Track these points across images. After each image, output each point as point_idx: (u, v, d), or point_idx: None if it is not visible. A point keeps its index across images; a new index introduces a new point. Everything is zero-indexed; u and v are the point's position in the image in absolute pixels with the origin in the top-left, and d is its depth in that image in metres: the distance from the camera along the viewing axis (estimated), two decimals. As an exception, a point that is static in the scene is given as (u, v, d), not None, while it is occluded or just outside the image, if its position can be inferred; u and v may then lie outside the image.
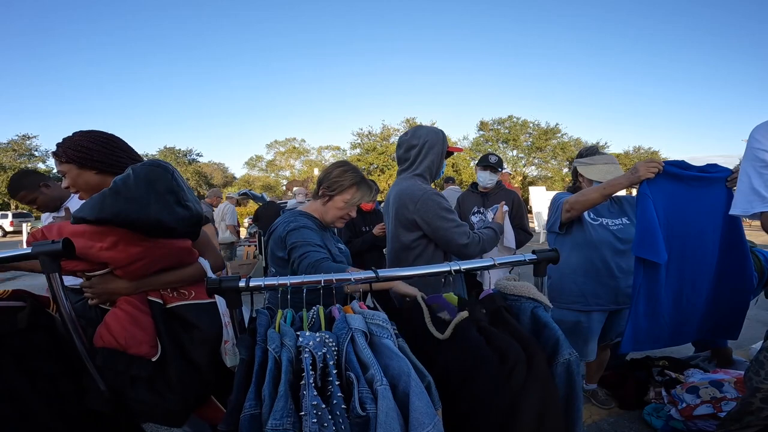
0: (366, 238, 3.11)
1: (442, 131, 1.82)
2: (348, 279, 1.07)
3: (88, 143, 1.27)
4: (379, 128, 31.52)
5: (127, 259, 1.08)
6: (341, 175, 1.55)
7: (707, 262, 1.76)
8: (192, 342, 1.15)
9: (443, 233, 1.64)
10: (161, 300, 1.17)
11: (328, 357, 0.85)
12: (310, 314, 1.01)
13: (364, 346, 0.88)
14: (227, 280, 0.96)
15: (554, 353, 1.01)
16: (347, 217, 1.60)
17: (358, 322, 0.93)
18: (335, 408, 0.77)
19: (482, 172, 2.87)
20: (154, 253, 1.13)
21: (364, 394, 0.79)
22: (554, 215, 2.03)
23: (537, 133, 30.85)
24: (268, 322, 0.97)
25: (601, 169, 2.03)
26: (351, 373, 0.82)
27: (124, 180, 1.09)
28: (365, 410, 0.77)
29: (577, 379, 1.01)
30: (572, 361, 1.00)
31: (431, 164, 1.76)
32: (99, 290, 1.13)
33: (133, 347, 1.07)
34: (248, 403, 0.80)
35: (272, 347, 0.87)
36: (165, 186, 1.11)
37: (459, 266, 1.13)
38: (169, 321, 1.16)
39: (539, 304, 1.14)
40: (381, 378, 0.81)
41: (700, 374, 2.33)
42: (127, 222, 1.04)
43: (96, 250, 1.05)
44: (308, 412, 0.74)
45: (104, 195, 1.05)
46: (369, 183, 1.60)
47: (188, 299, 1.20)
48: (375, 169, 29.12)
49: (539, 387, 0.90)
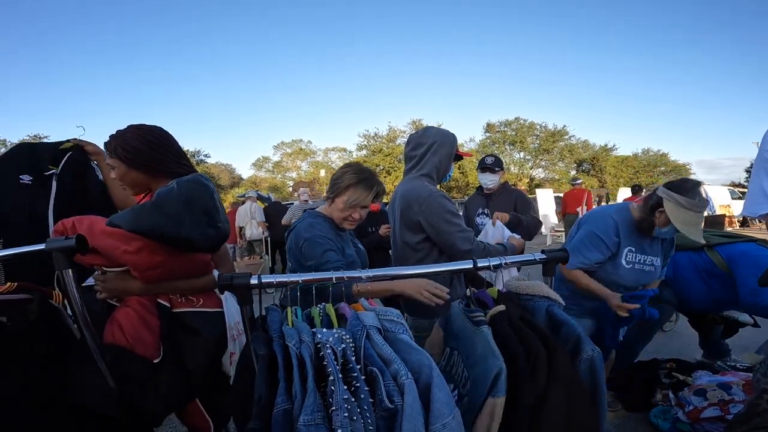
0: (372, 239, 3.13)
1: (453, 134, 1.81)
2: (359, 276, 1.09)
3: (139, 144, 1.26)
4: (386, 130, 31.51)
5: (147, 265, 1.11)
6: (340, 177, 1.57)
7: None
8: (192, 348, 1.17)
9: (446, 237, 1.62)
10: (169, 304, 1.20)
11: (348, 353, 0.87)
12: (318, 311, 1.03)
13: (383, 342, 0.90)
14: (238, 277, 0.99)
15: (577, 350, 1.02)
16: (352, 219, 1.57)
17: (372, 319, 0.94)
18: (362, 402, 0.80)
19: (482, 174, 2.91)
20: (174, 263, 1.16)
21: (391, 388, 0.82)
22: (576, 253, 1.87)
23: (544, 135, 30.61)
24: (280, 319, 0.99)
25: (692, 219, 1.73)
26: (374, 368, 0.84)
27: (166, 194, 1.13)
28: (393, 403, 0.80)
29: (601, 375, 1.01)
30: (595, 358, 1.00)
31: (438, 165, 1.74)
32: (112, 286, 1.15)
33: (140, 348, 1.10)
34: (279, 399, 0.82)
35: (292, 343, 0.88)
36: (202, 206, 1.15)
37: (476, 264, 1.14)
38: (174, 325, 1.18)
39: (553, 302, 1.14)
40: (406, 372, 0.84)
41: (708, 376, 2.32)
42: (159, 236, 1.08)
43: (120, 252, 1.07)
44: (339, 407, 0.77)
45: (144, 208, 1.09)
46: (369, 182, 1.55)
47: (196, 306, 1.23)
48: (381, 170, 29.10)
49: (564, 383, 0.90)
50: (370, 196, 1.54)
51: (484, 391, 0.89)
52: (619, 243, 1.84)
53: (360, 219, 1.59)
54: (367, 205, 1.57)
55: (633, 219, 1.88)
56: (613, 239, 1.83)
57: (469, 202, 3.09)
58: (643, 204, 1.87)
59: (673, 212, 1.72)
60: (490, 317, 1.02)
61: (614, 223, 1.84)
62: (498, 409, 0.86)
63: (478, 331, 0.99)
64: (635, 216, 1.88)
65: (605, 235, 1.83)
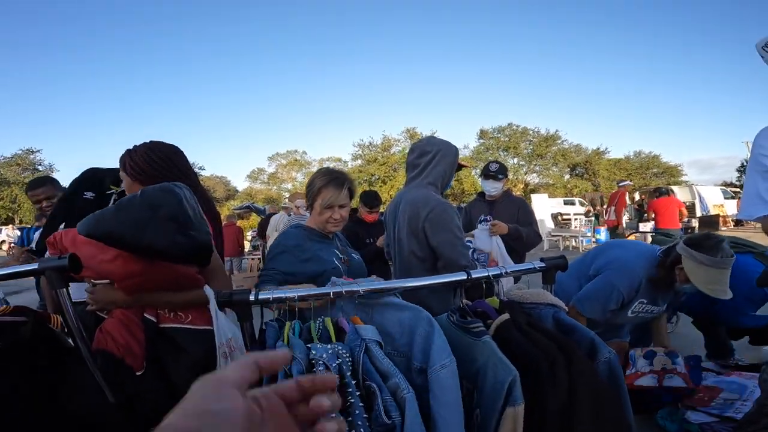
0: (370, 250, 3.11)
1: (455, 146, 1.83)
2: (357, 291, 1.07)
3: (144, 164, 1.34)
4: (380, 139, 31.72)
5: (123, 274, 1.11)
6: (311, 182, 1.60)
7: None
8: (176, 365, 1.18)
9: (447, 248, 1.61)
10: (155, 318, 1.20)
11: (344, 368, 0.85)
12: (317, 325, 1.01)
13: (382, 356, 0.89)
14: (237, 293, 0.97)
15: (593, 353, 1.01)
16: (333, 220, 1.57)
17: (371, 333, 0.93)
18: (356, 418, 0.78)
19: (485, 182, 2.89)
20: (152, 274, 1.15)
21: (389, 403, 0.81)
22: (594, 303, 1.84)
23: (537, 140, 30.91)
24: (276, 335, 0.98)
25: (714, 277, 1.65)
26: (372, 383, 0.83)
27: (129, 200, 1.12)
28: (390, 418, 0.79)
29: (621, 375, 1.01)
30: (613, 359, 1.00)
31: (443, 173, 1.75)
32: (98, 297, 1.17)
33: (129, 358, 1.11)
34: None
35: None
36: (169, 212, 1.10)
37: (470, 275, 1.14)
38: (159, 340, 1.19)
39: (559, 308, 1.14)
40: (406, 386, 0.83)
41: (713, 377, 2.31)
42: (118, 242, 1.06)
43: (98, 261, 1.09)
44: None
45: (105, 213, 1.09)
46: (339, 181, 1.56)
47: (183, 322, 1.22)
48: (377, 180, 29.21)
49: (588, 384, 0.90)
50: (342, 192, 1.55)
51: (500, 401, 0.88)
52: (635, 297, 1.81)
53: (342, 219, 1.58)
54: (344, 204, 1.57)
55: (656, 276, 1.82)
56: (632, 295, 1.79)
57: (470, 208, 3.08)
58: (662, 259, 1.79)
59: (693, 271, 1.64)
60: (496, 327, 1.01)
61: (639, 282, 1.79)
62: (519, 418, 0.85)
63: (480, 342, 0.97)
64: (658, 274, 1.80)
65: (627, 292, 1.79)
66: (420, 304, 1.11)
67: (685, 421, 2.03)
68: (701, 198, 13.69)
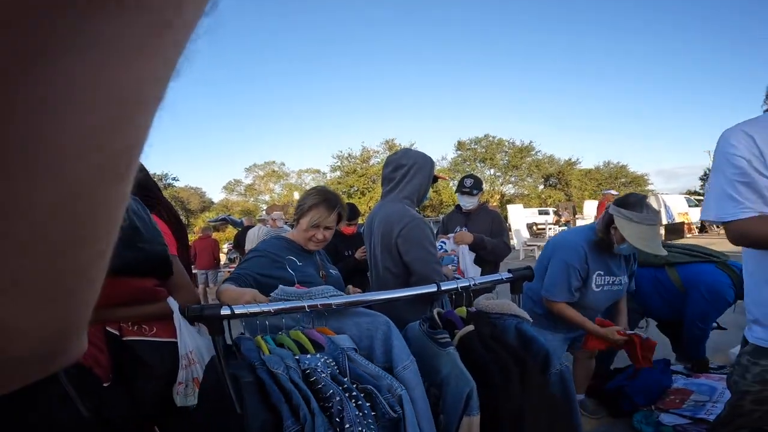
0: (348, 262, 3.10)
1: (431, 158, 1.83)
2: (329, 305, 1.07)
3: None
4: (359, 150, 31.86)
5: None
6: (304, 199, 1.61)
7: None
8: (139, 376, 1.16)
9: (420, 264, 1.60)
10: (118, 332, 1.17)
11: (339, 376, 0.92)
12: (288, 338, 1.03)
13: (366, 362, 0.96)
14: (209, 308, 0.94)
15: (546, 364, 1.07)
16: (316, 239, 1.59)
17: (347, 341, 0.98)
18: (367, 416, 0.85)
19: (461, 197, 3.00)
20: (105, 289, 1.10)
21: (390, 400, 0.89)
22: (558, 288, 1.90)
23: (512, 151, 31.74)
24: (256, 349, 0.99)
25: (644, 232, 1.76)
26: (367, 386, 0.90)
27: None
28: (396, 412, 0.88)
29: (571, 386, 1.08)
30: (564, 370, 1.07)
31: (419, 187, 1.75)
32: None
33: (96, 368, 1.10)
34: (288, 422, 0.84)
35: (280, 370, 0.90)
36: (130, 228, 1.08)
37: (439, 287, 1.16)
38: (123, 353, 1.17)
39: (522, 319, 1.18)
40: (399, 385, 0.92)
41: (683, 380, 2.38)
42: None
43: None
44: (353, 423, 0.82)
45: None
46: (331, 203, 1.58)
47: (146, 335, 1.20)
48: (356, 191, 29.24)
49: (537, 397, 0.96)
50: (332, 216, 1.57)
51: (459, 410, 0.93)
52: (588, 269, 1.89)
53: (324, 240, 1.60)
54: (330, 226, 1.59)
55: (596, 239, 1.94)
56: (584, 266, 1.88)
57: (447, 220, 3.17)
58: (600, 223, 1.92)
59: (625, 228, 1.76)
60: (461, 337, 1.05)
61: (584, 251, 1.89)
62: (474, 427, 0.91)
63: (444, 352, 1.01)
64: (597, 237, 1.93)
65: (578, 263, 1.88)
66: (396, 319, 1.12)
67: (659, 423, 2.08)
68: (666, 206, 14.29)
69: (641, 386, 2.33)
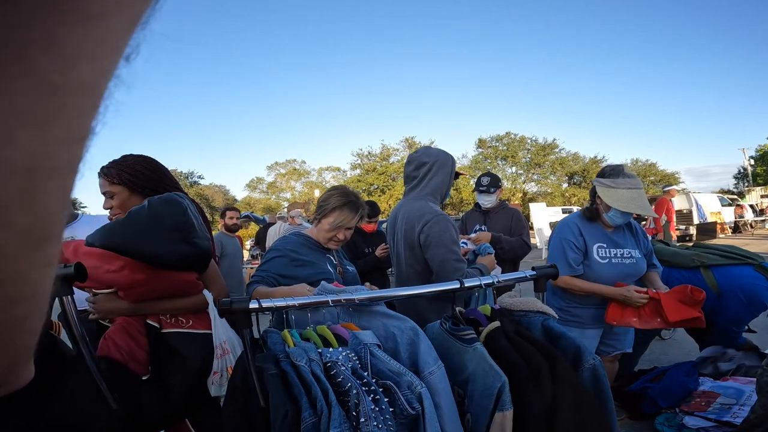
0: (368, 260, 3.13)
1: (452, 155, 1.84)
2: (353, 299, 1.10)
3: (143, 169, 1.35)
4: (379, 148, 31.88)
5: (129, 283, 1.15)
6: (326, 199, 1.61)
7: None
8: (176, 369, 1.21)
9: (441, 261, 1.61)
10: (158, 324, 1.23)
11: (359, 370, 0.92)
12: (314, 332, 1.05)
13: (387, 358, 0.96)
14: (237, 301, 0.99)
15: (578, 360, 1.04)
16: (337, 239, 1.60)
17: (370, 337, 0.98)
18: (384, 412, 0.85)
19: (479, 196, 2.99)
20: (156, 282, 1.19)
21: (409, 396, 0.88)
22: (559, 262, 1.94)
23: (535, 148, 31.10)
24: (282, 342, 1.02)
25: (623, 195, 1.85)
26: (387, 381, 0.90)
27: (137, 211, 1.16)
28: (415, 409, 0.86)
29: (605, 383, 1.03)
30: (597, 366, 1.02)
31: (441, 184, 1.75)
32: (100, 307, 1.20)
33: (132, 364, 1.15)
34: (306, 413, 0.86)
35: (303, 362, 0.92)
36: (173, 222, 1.16)
37: (462, 284, 1.17)
38: (161, 345, 1.22)
39: (548, 316, 1.17)
40: (419, 382, 0.90)
41: (710, 382, 2.32)
42: (130, 252, 1.11)
43: (103, 271, 1.12)
44: (368, 417, 0.82)
45: (115, 224, 1.14)
46: (355, 205, 1.59)
47: (184, 327, 1.26)
48: (375, 189, 29.29)
49: (569, 390, 0.92)
50: (355, 218, 1.59)
51: (489, 406, 0.91)
52: (585, 241, 1.94)
53: (344, 240, 1.62)
54: (352, 227, 1.60)
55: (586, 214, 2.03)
56: (579, 239, 1.95)
57: (466, 218, 3.16)
58: (590, 198, 2.05)
59: (606, 195, 1.88)
60: (486, 334, 1.04)
61: (576, 226, 1.98)
62: (507, 422, 0.89)
63: (470, 348, 1.00)
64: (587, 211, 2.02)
65: (572, 236, 1.95)
66: (418, 316, 1.14)
67: (682, 426, 2.04)
68: (698, 205, 13.73)
69: (665, 388, 2.28)
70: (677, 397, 2.23)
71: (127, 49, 0.16)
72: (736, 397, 2.14)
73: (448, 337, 1.07)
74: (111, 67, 0.16)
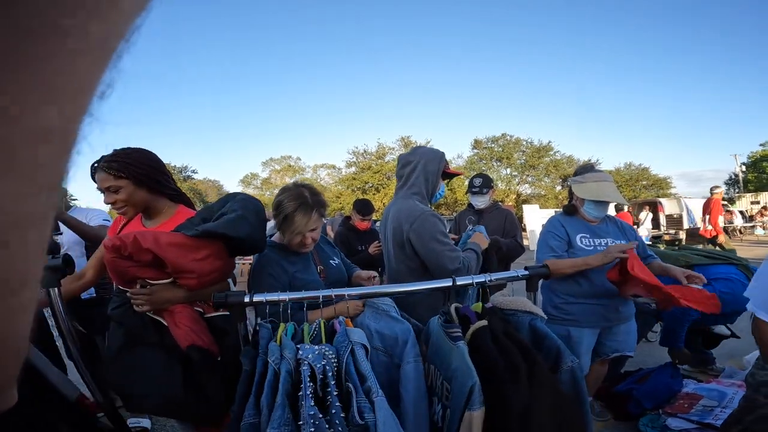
0: (361, 257, 3.15)
1: (441, 152, 1.85)
2: (343, 295, 1.13)
3: (148, 162, 1.38)
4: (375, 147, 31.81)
5: (209, 270, 1.21)
6: (278, 207, 1.52)
7: None
8: (228, 347, 1.27)
9: (435, 256, 1.62)
10: (202, 310, 1.30)
11: (327, 369, 0.90)
12: (312, 327, 1.06)
13: (363, 359, 0.95)
14: (232, 296, 1.01)
15: (557, 361, 1.07)
16: (305, 244, 1.54)
17: (358, 336, 0.99)
18: (334, 417, 0.82)
19: (472, 197, 3.01)
20: (225, 268, 1.30)
21: (362, 404, 0.85)
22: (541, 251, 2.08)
23: (530, 150, 31.24)
24: (269, 335, 1.03)
25: (591, 187, 2.05)
26: (349, 384, 0.89)
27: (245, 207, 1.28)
28: (363, 419, 0.83)
29: (582, 384, 1.06)
30: (575, 368, 1.05)
31: (426, 183, 1.77)
32: (157, 298, 1.20)
33: (212, 346, 1.21)
34: (247, 412, 0.85)
35: (272, 359, 0.92)
36: (263, 216, 1.35)
37: (455, 282, 1.19)
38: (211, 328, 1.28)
39: (536, 316, 1.20)
40: (377, 389, 0.88)
41: (693, 384, 2.37)
42: (251, 242, 1.24)
43: (188, 260, 1.15)
44: (306, 422, 0.79)
45: (235, 219, 1.21)
46: (306, 207, 1.50)
47: (222, 310, 1.31)
48: (371, 187, 29.25)
49: (546, 393, 0.94)
50: (311, 220, 1.50)
51: (462, 404, 0.92)
52: (567, 232, 2.08)
53: (314, 241, 1.56)
54: (315, 227, 1.52)
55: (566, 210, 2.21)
56: (561, 230, 2.09)
57: (459, 218, 3.19)
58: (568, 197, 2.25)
59: (578, 190, 2.08)
60: (473, 332, 1.06)
61: (557, 221, 2.15)
62: (476, 422, 0.89)
63: (455, 346, 1.02)
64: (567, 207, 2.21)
65: (554, 228, 2.11)
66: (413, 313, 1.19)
67: (666, 427, 2.09)
68: (689, 210, 13.90)
69: (650, 390, 2.32)
70: (661, 398, 2.27)
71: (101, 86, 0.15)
72: (718, 399, 2.19)
73: (441, 332, 1.10)
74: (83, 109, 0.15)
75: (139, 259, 1.10)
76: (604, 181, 2.07)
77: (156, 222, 1.43)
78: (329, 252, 1.77)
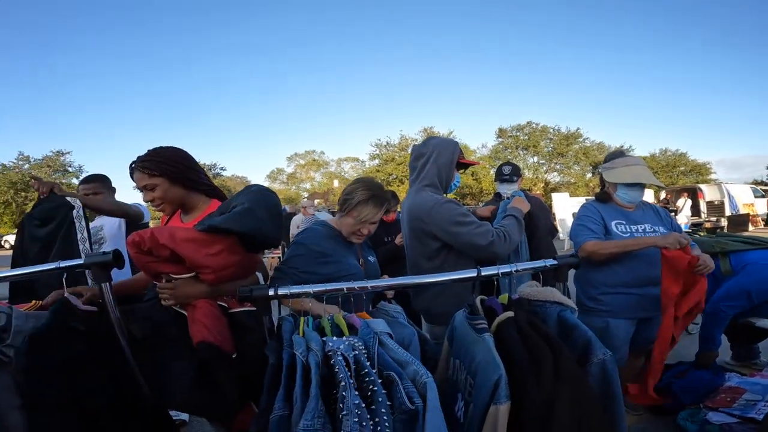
0: (388, 248, 3.15)
1: (454, 141, 1.82)
2: (365, 287, 1.13)
3: (181, 160, 1.41)
4: (397, 138, 31.71)
5: (224, 265, 1.20)
6: (351, 193, 1.57)
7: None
8: (250, 344, 1.24)
9: (463, 238, 1.61)
10: (227, 305, 1.28)
11: (362, 359, 0.90)
12: (328, 321, 1.07)
13: (396, 347, 0.95)
14: (258, 289, 1.03)
15: (587, 353, 1.01)
16: (360, 234, 1.57)
17: (381, 326, 0.99)
18: (380, 406, 0.80)
19: (500, 185, 2.95)
20: (243, 263, 1.27)
21: (410, 389, 0.84)
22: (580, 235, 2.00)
23: (557, 138, 30.29)
24: (292, 328, 1.04)
25: (622, 171, 1.99)
26: (390, 372, 0.87)
27: (255, 200, 1.25)
28: (414, 404, 0.81)
29: (615, 379, 0.99)
30: (607, 361, 0.99)
31: (438, 174, 1.74)
32: (179, 292, 1.22)
33: (225, 344, 1.19)
34: (277, 405, 0.85)
35: (299, 351, 0.91)
36: (277, 210, 1.32)
37: (478, 273, 1.17)
38: (232, 324, 1.27)
39: (565, 307, 1.15)
40: (425, 371, 0.87)
41: (737, 378, 2.26)
42: (259, 236, 1.20)
43: (203, 255, 1.15)
44: (350, 412, 0.77)
45: (242, 213, 1.20)
46: (380, 199, 1.55)
47: (246, 306, 1.30)
48: (394, 179, 29.24)
49: (570, 388, 0.89)
50: (380, 213, 1.55)
51: (487, 398, 0.89)
52: (603, 218, 2.02)
53: (368, 234, 1.60)
54: (377, 222, 1.57)
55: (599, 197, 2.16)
56: (597, 214, 2.04)
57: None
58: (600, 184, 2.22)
59: (609, 176, 2.04)
60: (498, 324, 1.02)
61: (592, 206, 2.09)
62: (501, 416, 0.85)
63: (480, 338, 0.99)
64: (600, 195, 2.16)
65: (590, 213, 2.05)
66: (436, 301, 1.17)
67: (706, 422, 2.00)
68: (730, 196, 13.17)
69: (689, 384, 2.23)
70: (700, 393, 2.18)
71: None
72: (762, 393, 2.08)
73: (466, 325, 1.08)
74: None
75: (158, 254, 1.12)
76: (634, 165, 2.01)
77: (192, 217, 1.46)
78: (368, 250, 1.79)
